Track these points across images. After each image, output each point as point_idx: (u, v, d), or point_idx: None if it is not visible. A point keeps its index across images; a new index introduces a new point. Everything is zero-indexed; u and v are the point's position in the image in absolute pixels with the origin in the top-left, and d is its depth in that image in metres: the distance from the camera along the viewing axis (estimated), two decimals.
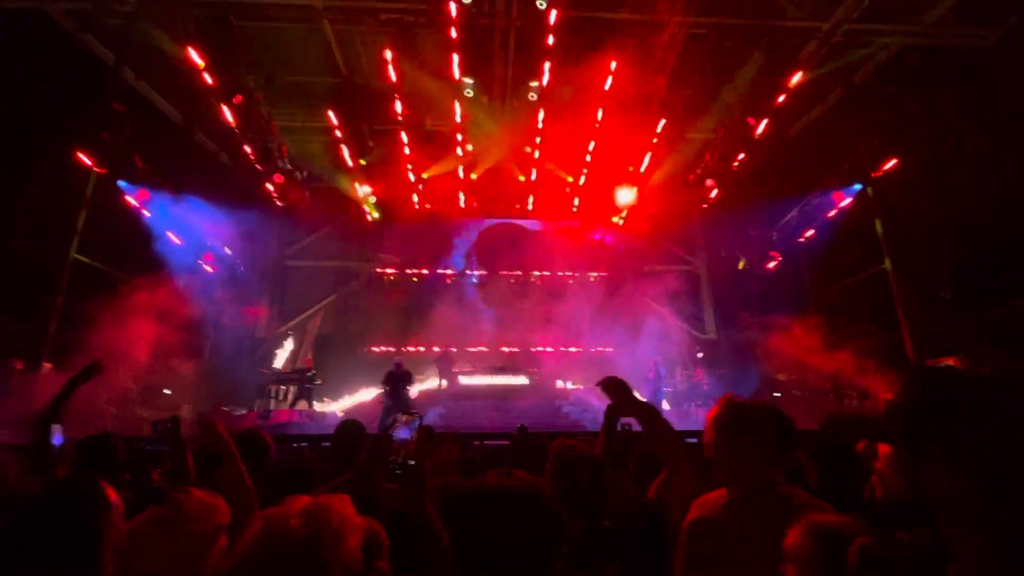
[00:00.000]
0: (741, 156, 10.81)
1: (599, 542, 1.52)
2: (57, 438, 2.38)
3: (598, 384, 2.04)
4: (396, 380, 9.64)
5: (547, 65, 9.03)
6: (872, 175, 9.26)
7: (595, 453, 1.93)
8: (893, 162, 8.92)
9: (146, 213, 9.74)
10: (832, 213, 10.39)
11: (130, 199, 9.44)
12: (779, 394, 11.28)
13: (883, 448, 0.82)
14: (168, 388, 10.71)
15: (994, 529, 0.69)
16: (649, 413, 1.91)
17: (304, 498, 1.08)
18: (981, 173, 7.89)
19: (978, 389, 0.75)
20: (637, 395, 2.08)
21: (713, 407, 1.63)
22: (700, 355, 13.91)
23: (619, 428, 3.17)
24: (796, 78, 8.62)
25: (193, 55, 8.05)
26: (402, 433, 1.54)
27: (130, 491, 1.87)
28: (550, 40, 8.43)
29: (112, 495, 1.27)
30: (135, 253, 10.17)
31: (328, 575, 0.97)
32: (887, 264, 9.83)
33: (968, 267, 8.48)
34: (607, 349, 13.99)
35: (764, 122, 9.48)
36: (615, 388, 1.96)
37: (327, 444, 4.73)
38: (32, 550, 1.10)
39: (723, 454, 1.55)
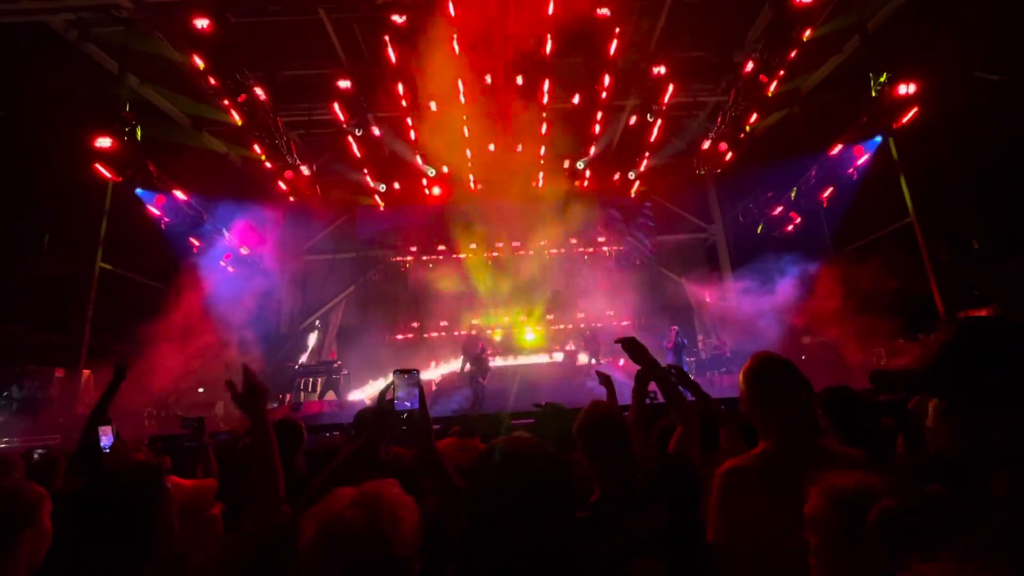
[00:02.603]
0: (755, 116, 10.49)
1: (635, 493, 1.55)
2: (107, 440, 2.47)
3: (616, 342, 2.21)
4: (479, 360, 9.73)
5: (548, 36, 8.85)
6: (893, 126, 8.91)
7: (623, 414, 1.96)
8: (914, 111, 8.57)
9: (163, 218, 9.91)
10: (853, 168, 10.06)
11: (148, 205, 9.60)
12: (804, 357, 11.16)
13: (932, 403, 0.80)
14: (201, 387, 11.06)
15: None
16: (662, 371, 2.09)
17: (348, 490, 1.11)
18: (1008, 114, 7.53)
19: (1015, 335, 0.73)
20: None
21: (746, 363, 1.65)
22: (721, 322, 13.78)
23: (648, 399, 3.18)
24: (808, 31, 8.26)
25: (193, 56, 8.05)
26: (405, 400, 1.49)
27: None
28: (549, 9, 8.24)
29: (168, 483, 1.34)
30: (157, 258, 10.42)
31: (395, 558, 1.01)
32: (912, 217, 9.53)
33: (997, 214, 8.18)
34: (624, 323, 13.97)
35: (777, 79, 9.15)
36: (631, 346, 2.12)
37: None
38: (94, 533, 1.18)
39: (756, 407, 1.58)
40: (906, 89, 8.31)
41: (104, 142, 7.97)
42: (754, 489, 1.42)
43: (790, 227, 12.02)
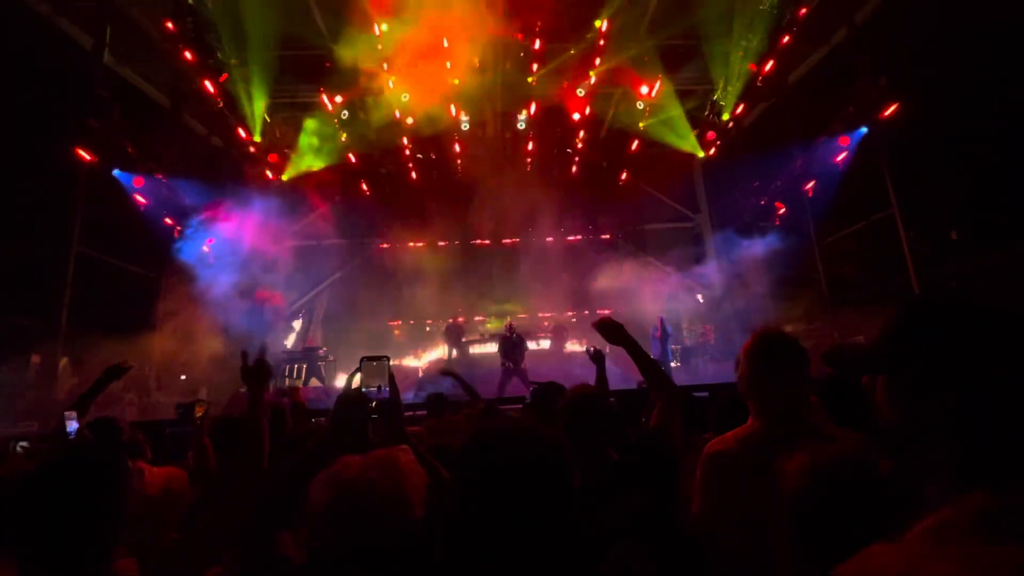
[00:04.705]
0: (743, 106, 10.51)
1: (613, 476, 1.54)
2: (72, 426, 2.42)
3: (593, 325, 2.12)
4: (511, 345, 9.61)
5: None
6: (878, 117, 8.99)
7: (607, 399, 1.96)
8: (900, 102, 8.65)
9: (143, 201, 9.66)
10: (838, 159, 10.16)
11: (126, 187, 9.34)
12: None
13: (880, 379, 0.81)
14: (184, 374, 10.89)
15: (965, 450, 0.66)
16: (639, 350, 2.01)
17: (356, 457, 1.10)
18: (993, 105, 7.60)
19: (958, 314, 0.72)
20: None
21: (747, 341, 1.59)
22: (706, 310, 13.91)
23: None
24: (803, 10, 8.23)
25: (172, 34, 7.80)
26: (375, 387, 1.48)
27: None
28: None
29: (128, 461, 1.28)
30: (136, 242, 10.16)
31: (416, 520, 1.01)
32: (894, 208, 9.66)
33: (977, 206, 8.32)
34: (612, 311, 14.03)
35: (767, 67, 9.16)
36: (608, 327, 2.05)
37: None
38: (52, 514, 1.07)
39: (754, 385, 1.52)
40: (892, 79, 8.38)
41: (79, 121, 7.73)
42: (737, 470, 1.41)
43: (775, 217, 12.13)
